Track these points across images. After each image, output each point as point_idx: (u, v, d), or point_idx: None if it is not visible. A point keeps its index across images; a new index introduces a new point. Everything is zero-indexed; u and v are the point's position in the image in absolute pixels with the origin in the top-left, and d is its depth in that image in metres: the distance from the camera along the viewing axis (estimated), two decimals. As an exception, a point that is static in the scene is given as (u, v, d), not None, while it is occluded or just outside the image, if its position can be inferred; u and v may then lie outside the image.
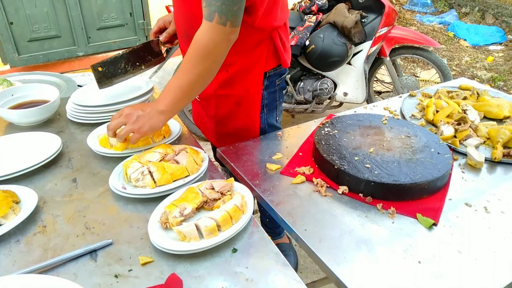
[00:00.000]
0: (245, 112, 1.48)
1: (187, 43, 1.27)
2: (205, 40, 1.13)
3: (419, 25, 6.55)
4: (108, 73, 1.37)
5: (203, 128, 1.68)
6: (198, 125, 1.75)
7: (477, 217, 1.05)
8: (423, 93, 1.75)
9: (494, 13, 6.55)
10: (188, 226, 0.92)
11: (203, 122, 1.65)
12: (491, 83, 4.74)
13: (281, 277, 0.85)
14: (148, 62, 1.48)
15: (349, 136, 1.31)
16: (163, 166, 1.11)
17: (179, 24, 1.41)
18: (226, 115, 1.49)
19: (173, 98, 1.17)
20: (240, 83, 1.40)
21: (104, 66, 1.35)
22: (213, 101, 1.46)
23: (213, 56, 1.16)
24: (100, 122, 1.44)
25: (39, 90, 1.59)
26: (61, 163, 1.26)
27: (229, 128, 1.52)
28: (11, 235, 0.96)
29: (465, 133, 1.38)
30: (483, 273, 0.89)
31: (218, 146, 1.41)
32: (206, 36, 1.13)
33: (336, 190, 1.14)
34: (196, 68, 1.16)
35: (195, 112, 1.74)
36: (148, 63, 1.48)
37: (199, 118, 1.70)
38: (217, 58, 1.17)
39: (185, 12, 1.32)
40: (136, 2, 3.86)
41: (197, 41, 1.14)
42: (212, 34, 1.12)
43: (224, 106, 1.46)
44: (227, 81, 1.40)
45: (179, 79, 1.17)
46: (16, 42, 3.47)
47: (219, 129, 1.54)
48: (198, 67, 1.16)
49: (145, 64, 1.47)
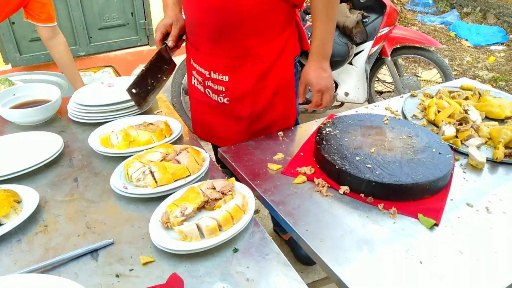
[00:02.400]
0: (282, 101, 1.47)
1: (216, 41, 1.31)
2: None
3: (420, 25, 6.55)
4: (142, 93, 1.33)
5: (223, 135, 1.55)
6: (208, 138, 1.64)
7: (478, 218, 1.05)
8: (425, 93, 1.75)
9: (496, 13, 6.53)
10: (189, 226, 0.92)
11: (226, 130, 1.52)
12: (493, 83, 4.73)
13: (282, 277, 0.85)
14: (165, 71, 1.40)
15: (351, 136, 1.31)
16: (164, 166, 1.11)
17: (205, 23, 1.32)
18: (263, 110, 1.45)
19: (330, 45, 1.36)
20: (275, 71, 1.40)
21: (136, 87, 1.32)
22: (249, 99, 1.42)
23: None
24: (101, 122, 1.44)
25: (40, 89, 1.60)
26: (62, 163, 1.26)
27: (264, 122, 1.48)
28: (12, 234, 0.96)
29: (467, 133, 1.37)
30: (485, 273, 0.89)
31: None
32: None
33: (337, 190, 1.14)
34: (335, 15, 1.33)
35: (204, 125, 1.60)
36: (166, 73, 1.40)
37: (214, 129, 1.56)
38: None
39: (220, 8, 1.26)
40: (137, 2, 3.85)
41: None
42: None
43: (261, 100, 1.43)
44: (264, 73, 1.38)
45: (329, 28, 1.34)
46: (18, 41, 3.47)
47: (253, 127, 1.48)
48: (335, 14, 1.34)
49: (164, 74, 1.39)
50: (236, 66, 1.37)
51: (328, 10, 1.31)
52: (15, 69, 3.51)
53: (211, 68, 1.40)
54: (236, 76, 1.38)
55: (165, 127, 1.35)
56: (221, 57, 1.36)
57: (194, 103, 1.61)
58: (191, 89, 1.59)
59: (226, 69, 1.37)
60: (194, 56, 1.46)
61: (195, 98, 1.57)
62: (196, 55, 1.45)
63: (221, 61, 1.37)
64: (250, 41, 1.32)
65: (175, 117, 1.52)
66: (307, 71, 1.38)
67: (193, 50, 1.45)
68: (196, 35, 1.39)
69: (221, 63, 1.37)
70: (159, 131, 1.32)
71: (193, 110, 1.65)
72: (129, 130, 1.31)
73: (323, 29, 1.33)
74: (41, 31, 1.79)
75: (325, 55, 1.37)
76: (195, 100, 1.59)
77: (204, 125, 1.59)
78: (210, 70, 1.40)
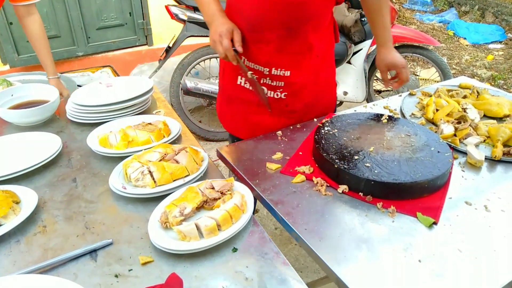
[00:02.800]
0: (329, 92, 1.63)
1: (285, 37, 1.36)
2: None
3: (419, 24, 6.55)
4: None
5: (264, 127, 1.54)
6: (244, 135, 1.59)
7: (477, 216, 1.05)
8: (423, 92, 1.75)
9: (494, 11, 6.54)
10: (188, 225, 0.92)
11: (274, 125, 1.52)
12: (491, 81, 4.74)
13: (281, 276, 0.85)
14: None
15: (349, 135, 1.31)
16: (163, 166, 1.11)
17: (276, 19, 1.33)
18: (314, 102, 1.55)
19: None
20: (325, 64, 1.54)
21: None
22: (305, 92, 1.50)
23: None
24: (100, 122, 1.44)
25: (38, 90, 1.60)
26: (61, 163, 1.26)
27: (313, 113, 1.57)
28: (11, 235, 0.96)
29: (465, 132, 1.38)
30: (484, 271, 0.89)
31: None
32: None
33: (336, 189, 1.14)
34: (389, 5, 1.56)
35: (249, 125, 1.58)
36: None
37: (261, 127, 1.54)
38: None
39: (294, 4, 1.29)
40: (135, 2, 3.85)
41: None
42: None
43: (314, 92, 1.52)
44: (318, 67, 1.49)
45: (389, 17, 1.54)
46: (16, 42, 3.47)
47: (304, 118, 1.56)
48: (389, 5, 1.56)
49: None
50: (298, 61, 1.43)
51: (385, 2, 1.52)
52: (13, 69, 3.50)
53: (273, 64, 1.42)
54: (296, 71, 1.44)
55: (163, 127, 1.35)
56: (287, 53, 1.41)
57: (237, 103, 1.57)
58: (235, 91, 1.54)
59: (289, 64, 1.43)
60: (250, 54, 1.43)
61: (241, 98, 1.53)
62: (253, 53, 1.42)
63: (286, 57, 1.41)
64: (311, 36, 1.40)
65: (173, 117, 1.52)
66: (387, 56, 1.56)
67: (248, 49, 1.42)
68: (262, 32, 1.37)
69: (285, 59, 1.42)
70: (157, 131, 1.32)
71: (234, 111, 1.61)
72: (127, 130, 1.31)
73: (387, 19, 1.53)
74: (17, 10, 1.80)
75: (391, 40, 1.59)
76: (239, 100, 1.55)
77: (250, 124, 1.57)
78: (272, 66, 1.42)
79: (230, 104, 1.61)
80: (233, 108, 1.60)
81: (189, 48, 3.41)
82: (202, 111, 3.77)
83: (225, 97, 1.61)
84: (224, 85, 1.60)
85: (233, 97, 1.57)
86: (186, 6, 3.02)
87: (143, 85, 1.62)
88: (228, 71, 1.54)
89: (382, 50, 1.58)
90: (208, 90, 3.08)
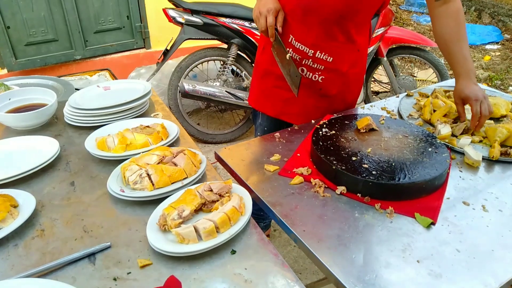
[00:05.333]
0: (357, 86, 1.69)
1: (334, 23, 1.42)
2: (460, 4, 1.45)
3: (416, 25, 6.57)
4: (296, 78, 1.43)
5: (299, 111, 1.64)
6: (279, 115, 1.68)
7: (475, 216, 1.06)
8: (420, 93, 1.76)
9: (491, 12, 6.57)
10: (187, 228, 0.92)
11: (305, 105, 1.62)
12: (488, 82, 4.76)
13: (280, 278, 0.85)
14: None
15: (347, 136, 1.31)
16: (161, 169, 1.11)
17: (329, 4, 1.39)
18: (346, 91, 1.62)
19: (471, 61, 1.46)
20: (362, 60, 1.62)
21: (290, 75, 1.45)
22: (340, 80, 1.57)
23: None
24: (97, 125, 1.44)
25: (36, 94, 1.59)
26: (59, 167, 1.25)
27: (341, 103, 1.65)
28: (9, 239, 0.96)
29: (463, 127, 1.42)
30: (482, 271, 0.89)
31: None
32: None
33: (334, 190, 1.14)
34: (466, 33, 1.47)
35: (279, 101, 1.66)
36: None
37: (291, 104, 1.64)
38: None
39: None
40: (133, 5, 3.86)
41: (461, 9, 1.43)
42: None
43: (347, 82, 1.60)
44: (357, 60, 1.57)
45: (467, 46, 1.44)
46: (13, 46, 3.47)
47: (332, 106, 1.63)
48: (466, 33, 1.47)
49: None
50: (341, 50, 1.51)
51: (463, 30, 1.44)
52: (11, 73, 3.50)
53: (319, 48, 1.49)
54: (339, 59, 1.52)
55: (161, 129, 1.35)
56: (334, 40, 1.48)
57: (272, 79, 1.64)
58: (272, 66, 1.59)
59: (334, 51, 1.50)
60: (298, 35, 1.50)
61: (277, 73, 1.58)
62: (303, 34, 1.49)
63: (333, 44, 1.49)
64: (353, 31, 1.47)
65: (171, 119, 1.52)
66: (461, 89, 1.42)
67: (298, 29, 1.49)
68: (316, 15, 1.43)
69: (332, 45, 1.49)
70: (155, 134, 1.32)
71: (267, 86, 1.68)
72: (125, 133, 1.31)
73: (465, 48, 1.43)
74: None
75: (473, 71, 1.45)
76: (275, 76, 1.62)
77: (279, 100, 1.66)
78: (317, 50, 1.49)
79: (264, 78, 1.68)
80: (267, 82, 1.68)
81: (187, 51, 3.42)
82: (200, 114, 3.77)
83: (261, 71, 1.69)
84: (263, 60, 1.66)
85: (270, 71, 1.64)
86: (184, 9, 3.03)
87: (141, 88, 1.62)
88: (268, 48, 1.59)
89: (460, 80, 1.44)
90: (206, 92, 3.08)
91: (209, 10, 3.03)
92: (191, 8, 3.02)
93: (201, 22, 3.02)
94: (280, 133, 1.46)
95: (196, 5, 3.03)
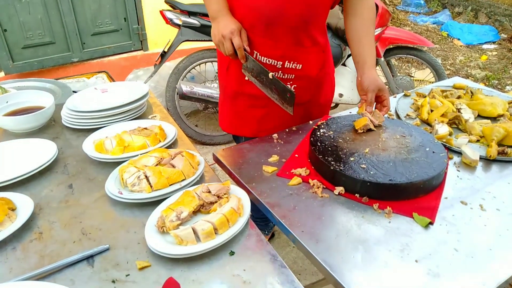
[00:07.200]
0: (329, 87, 1.69)
1: (299, 30, 1.40)
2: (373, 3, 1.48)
3: (413, 25, 6.59)
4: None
5: (276, 124, 1.59)
6: (257, 133, 1.61)
7: (472, 215, 1.06)
8: (418, 93, 1.76)
9: (487, 12, 6.59)
10: (185, 229, 0.92)
11: (280, 118, 1.57)
12: (485, 81, 4.77)
13: (279, 279, 0.85)
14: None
15: (345, 137, 1.31)
16: (159, 170, 1.11)
17: (292, 13, 1.36)
18: (318, 95, 1.62)
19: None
20: (328, 60, 1.61)
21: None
22: (312, 85, 1.57)
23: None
24: (95, 128, 1.44)
25: (33, 96, 1.59)
26: (56, 169, 1.25)
27: (316, 108, 1.65)
28: (7, 242, 0.96)
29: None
30: (480, 270, 0.89)
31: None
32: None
33: (333, 191, 1.14)
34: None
35: (254, 120, 1.62)
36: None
37: (266, 120, 1.60)
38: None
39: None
40: (130, 7, 3.86)
41: (373, 7, 1.47)
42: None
43: (319, 85, 1.60)
44: (324, 61, 1.56)
45: (373, 41, 1.48)
46: (10, 49, 3.46)
47: (307, 112, 1.63)
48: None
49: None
50: (308, 55, 1.49)
51: (372, 28, 1.49)
52: (8, 76, 3.50)
53: (288, 58, 1.46)
54: (307, 64, 1.50)
55: (159, 131, 1.35)
56: (300, 47, 1.45)
57: (244, 99, 1.58)
58: (242, 87, 1.54)
59: (302, 57, 1.47)
60: (264, 49, 1.44)
61: (248, 93, 1.54)
62: (268, 48, 1.43)
63: (299, 50, 1.46)
64: (315, 33, 1.46)
65: (169, 121, 1.52)
66: (375, 78, 1.40)
67: (262, 43, 1.43)
68: (280, 26, 1.39)
69: (299, 52, 1.46)
70: (153, 136, 1.32)
71: (239, 108, 1.62)
72: (123, 135, 1.31)
73: (372, 43, 1.47)
74: None
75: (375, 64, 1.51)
76: (246, 96, 1.56)
77: (254, 120, 1.61)
78: (286, 60, 1.46)
79: (235, 100, 1.61)
80: (239, 104, 1.61)
81: (184, 53, 3.42)
82: (198, 115, 3.77)
83: (229, 94, 1.61)
84: (229, 82, 1.59)
85: (240, 92, 1.57)
86: (181, 10, 3.03)
87: (139, 90, 1.62)
88: (233, 68, 1.53)
89: (368, 71, 1.41)
90: (203, 94, 3.08)
91: (206, 11, 3.03)
92: (188, 10, 3.02)
93: (198, 23, 3.02)
94: (278, 134, 1.46)
95: (193, 7, 3.03)
